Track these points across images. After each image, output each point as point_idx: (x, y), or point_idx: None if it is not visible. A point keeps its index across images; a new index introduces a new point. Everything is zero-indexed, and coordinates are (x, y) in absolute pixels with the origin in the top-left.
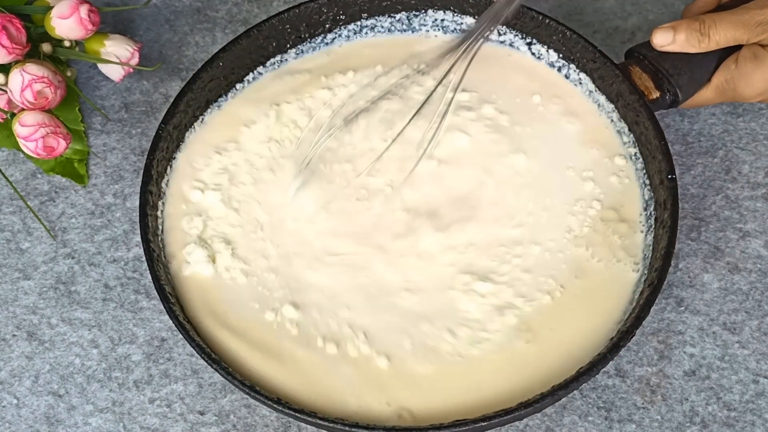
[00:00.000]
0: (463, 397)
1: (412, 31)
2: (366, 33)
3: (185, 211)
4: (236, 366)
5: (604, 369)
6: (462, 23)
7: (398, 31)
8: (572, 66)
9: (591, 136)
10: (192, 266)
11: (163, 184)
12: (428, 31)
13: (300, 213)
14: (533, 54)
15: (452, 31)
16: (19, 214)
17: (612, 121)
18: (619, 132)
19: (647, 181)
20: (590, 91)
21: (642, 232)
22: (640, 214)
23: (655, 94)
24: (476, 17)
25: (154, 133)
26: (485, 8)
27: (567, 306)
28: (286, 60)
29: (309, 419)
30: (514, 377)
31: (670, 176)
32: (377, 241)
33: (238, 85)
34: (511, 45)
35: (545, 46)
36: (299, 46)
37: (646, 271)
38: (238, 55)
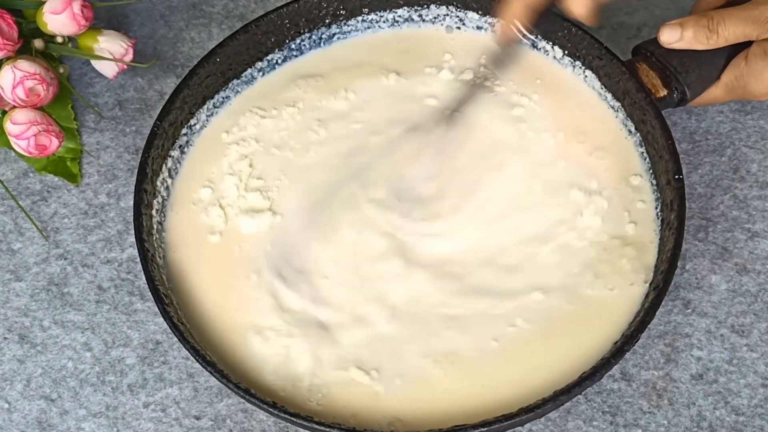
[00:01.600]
0: (462, 402)
1: (419, 27)
2: (366, 29)
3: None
4: (234, 370)
5: (609, 373)
6: (465, 19)
7: (399, 27)
8: (578, 63)
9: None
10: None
11: (158, 183)
12: (432, 25)
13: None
14: (541, 51)
15: (456, 28)
16: (11, 214)
17: (619, 120)
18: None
19: (654, 181)
20: (599, 92)
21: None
22: (650, 242)
23: (663, 92)
24: (479, 12)
25: (148, 131)
26: (487, 3)
27: (573, 311)
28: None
29: (305, 423)
30: (515, 382)
31: (677, 177)
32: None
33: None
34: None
35: (550, 43)
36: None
37: (651, 274)
38: (236, 50)
